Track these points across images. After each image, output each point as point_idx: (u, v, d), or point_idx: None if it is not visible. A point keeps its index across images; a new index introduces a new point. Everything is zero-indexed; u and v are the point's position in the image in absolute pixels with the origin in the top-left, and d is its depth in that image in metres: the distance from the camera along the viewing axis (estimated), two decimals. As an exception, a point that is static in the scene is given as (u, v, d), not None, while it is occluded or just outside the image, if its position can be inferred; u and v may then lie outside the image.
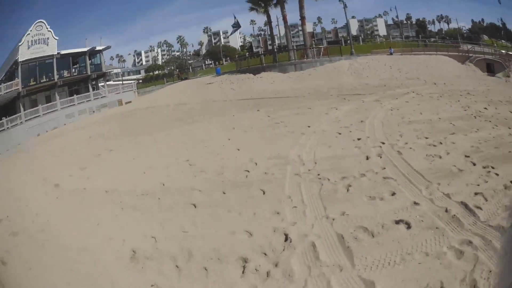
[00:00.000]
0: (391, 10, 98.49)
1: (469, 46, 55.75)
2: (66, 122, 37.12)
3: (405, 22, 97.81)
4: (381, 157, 12.68)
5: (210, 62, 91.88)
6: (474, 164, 11.31)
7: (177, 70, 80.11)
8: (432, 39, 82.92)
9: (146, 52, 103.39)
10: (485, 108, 19.40)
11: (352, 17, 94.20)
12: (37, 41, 40.07)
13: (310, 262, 6.81)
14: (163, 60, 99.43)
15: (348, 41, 64.71)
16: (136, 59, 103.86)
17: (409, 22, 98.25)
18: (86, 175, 14.14)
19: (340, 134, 16.00)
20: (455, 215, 8.09)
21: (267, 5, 53.72)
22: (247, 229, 8.23)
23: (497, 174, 10.32)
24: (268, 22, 56.37)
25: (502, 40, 79.27)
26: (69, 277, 7.02)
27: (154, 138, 19.65)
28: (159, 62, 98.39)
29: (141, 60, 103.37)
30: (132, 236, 8.48)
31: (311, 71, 42.50)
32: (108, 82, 52.28)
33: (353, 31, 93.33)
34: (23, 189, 14.00)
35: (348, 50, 50.85)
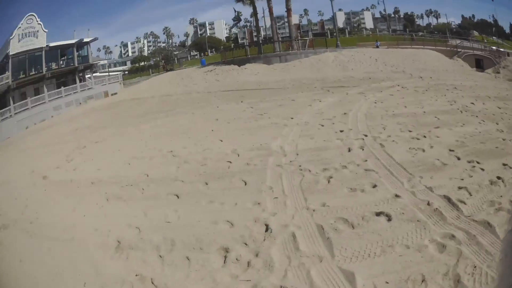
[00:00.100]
0: (379, 4, 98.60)
1: (458, 41, 56.03)
2: (54, 114, 37.15)
3: (393, 16, 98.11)
4: (363, 149, 12.69)
5: (196, 53, 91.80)
6: (459, 159, 11.29)
7: (163, 61, 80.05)
8: (420, 33, 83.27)
9: (133, 44, 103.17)
10: (472, 103, 19.40)
11: (339, 10, 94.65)
12: (27, 34, 39.97)
13: (290, 253, 6.86)
14: (149, 52, 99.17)
15: (334, 34, 64.95)
16: (123, 51, 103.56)
17: (397, 16, 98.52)
18: (73, 167, 14.13)
19: (323, 126, 16.04)
20: (437, 209, 8.07)
21: (254, -3, 53.24)
22: (229, 219, 8.28)
23: (483, 169, 10.31)
24: (254, 14, 56.70)
25: (493, 37, 79.60)
26: (58, 268, 7.03)
27: (139, 130, 19.65)
28: (145, 54, 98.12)
29: (128, 52, 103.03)
30: (117, 227, 8.49)
31: (296, 63, 42.69)
32: (95, 74, 52.13)
33: (340, 24, 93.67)
34: (13, 182, 13.95)
35: (334, 43, 51.55)
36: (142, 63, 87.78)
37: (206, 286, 6.20)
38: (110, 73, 60.82)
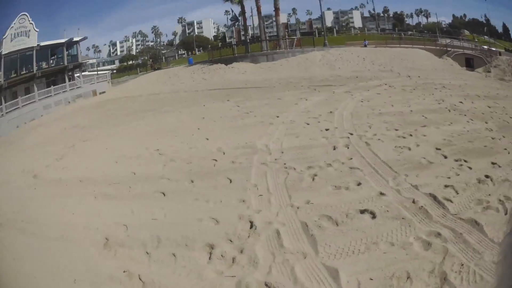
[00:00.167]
0: (368, 3, 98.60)
1: (448, 41, 56.03)
2: (44, 114, 36.94)
3: (382, 15, 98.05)
4: (348, 148, 12.79)
5: (183, 52, 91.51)
6: (446, 157, 11.41)
7: (151, 60, 79.78)
8: (409, 33, 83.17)
9: (121, 43, 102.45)
10: (461, 102, 19.57)
11: (328, 9, 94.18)
12: (19, 34, 39.86)
13: (274, 249, 6.92)
14: (137, 50, 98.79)
15: (322, 33, 64.95)
16: (111, 50, 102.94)
17: (386, 15, 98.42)
18: (62, 166, 14.15)
19: (309, 125, 16.15)
20: (423, 207, 8.11)
21: (242, -4, 53.41)
22: (214, 217, 8.33)
23: (470, 168, 10.40)
24: (242, 13, 56.55)
25: (485, 36, 79.63)
26: (50, 265, 7.07)
27: (126, 128, 19.69)
28: (133, 53, 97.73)
29: (116, 51, 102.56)
30: (105, 224, 8.54)
31: (283, 62, 42.77)
32: (84, 73, 51.93)
33: (328, 23, 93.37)
34: (4, 181, 13.93)
35: (322, 42, 51.42)
36: (130, 62, 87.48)
37: (192, 282, 6.24)
38: (99, 72, 60.61)
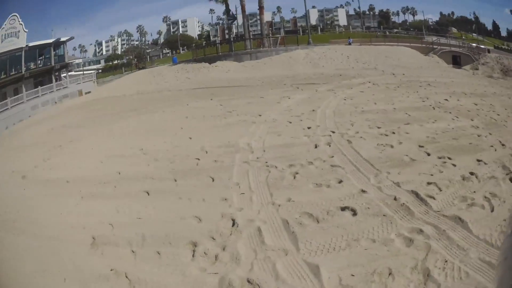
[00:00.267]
0: (353, 1, 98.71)
1: (434, 38, 56.26)
2: (31, 114, 36.76)
3: (368, 13, 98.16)
4: (330, 146, 12.89)
5: (168, 51, 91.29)
6: (429, 154, 11.50)
7: (135, 60, 79.55)
8: (395, 30, 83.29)
9: (107, 42, 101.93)
10: (446, 100, 19.69)
11: (313, 7, 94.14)
12: (9, 35, 39.84)
13: (256, 246, 7.04)
14: (123, 50, 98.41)
15: (307, 31, 65.02)
16: (97, 49, 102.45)
17: (372, 13, 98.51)
18: (49, 166, 14.16)
19: (291, 123, 16.25)
20: (404, 204, 8.20)
21: (226, -6, 53.23)
22: (196, 215, 8.43)
23: (454, 165, 10.49)
24: (226, 12, 56.91)
25: (473, 34, 79.84)
26: (41, 265, 7.13)
27: (111, 128, 19.69)
28: (119, 52, 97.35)
29: (102, 50, 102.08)
30: (91, 224, 8.60)
31: (267, 61, 42.85)
32: (70, 73, 51.75)
33: (313, 21, 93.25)
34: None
35: (306, 40, 51.41)
36: (116, 62, 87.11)
37: (176, 279, 6.34)
38: (85, 72, 60.41)
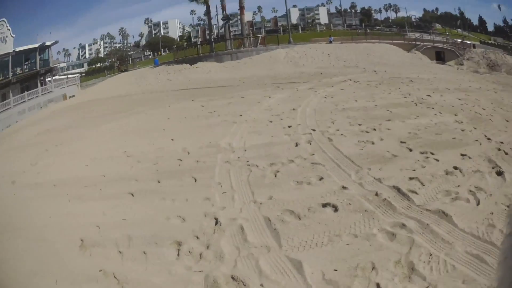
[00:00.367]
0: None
1: (417, 35, 56.63)
2: (18, 119, 36.78)
3: (349, 11, 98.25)
4: (311, 144, 13.05)
5: (149, 53, 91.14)
6: (410, 150, 11.63)
7: (117, 62, 79.36)
8: (377, 28, 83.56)
9: (90, 45, 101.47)
10: (429, 96, 19.86)
11: (294, 6, 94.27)
12: (-2, 40, 39.77)
13: (239, 244, 7.19)
14: (105, 53, 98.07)
15: (287, 30, 65.24)
16: (81, 53, 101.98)
17: (353, 11, 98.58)
18: (37, 171, 14.14)
19: (271, 122, 16.44)
20: (386, 199, 8.34)
21: (207, -5, 53.37)
22: (180, 215, 8.58)
23: (437, 160, 10.62)
24: (207, 12, 57.08)
25: (458, 29, 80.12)
26: (32, 267, 7.19)
27: (95, 132, 19.67)
28: (101, 55, 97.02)
29: (85, 54, 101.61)
30: (80, 226, 8.68)
31: (247, 60, 43.11)
32: (55, 77, 51.61)
33: (294, 20, 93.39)
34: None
35: (286, 39, 52.04)
36: (98, 65, 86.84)
37: (163, 278, 6.48)
38: (69, 76, 60.21)
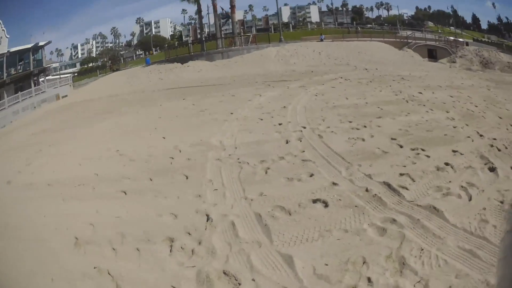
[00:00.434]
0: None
1: (409, 33, 56.83)
2: (13, 120, 36.83)
3: (340, 9, 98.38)
4: (301, 141, 13.17)
5: (141, 53, 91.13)
6: (401, 147, 11.77)
7: (109, 62, 79.34)
8: (368, 26, 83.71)
9: (82, 45, 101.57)
10: (420, 93, 20.10)
11: (285, 5, 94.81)
12: (-8, 41, 39.80)
13: (231, 240, 7.29)
14: (97, 52, 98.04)
15: (278, 28, 65.37)
16: (73, 53, 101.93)
17: (345, 9, 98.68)
18: (31, 171, 14.17)
19: (262, 120, 16.57)
20: (376, 194, 8.45)
21: (198, -5, 53.81)
22: (172, 212, 8.68)
23: (428, 156, 10.75)
24: (198, 11, 57.37)
25: (451, 27, 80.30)
26: (29, 267, 7.26)
27: (88, 131, 19.75)
28: (94, 55, 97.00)
29: (78, 53, 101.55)
30: (74, 224, 8.75)
31: (238, 59, 43.18)
32: (48, 77, 51.58)
33: (285, 19, 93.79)
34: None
35: (277, 37, 52.25)
36: (91, 64, 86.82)
37: (156, 274, 6.58)
38: (61, 76, 60.11)
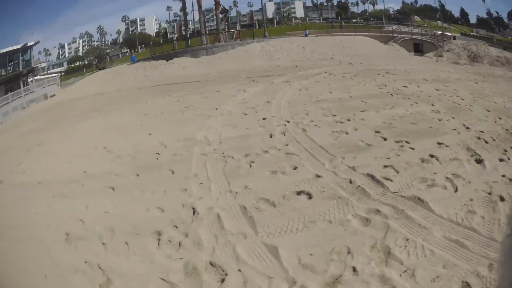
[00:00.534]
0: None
1: (395, 27, 57.05)
2: (3, 121, 36.80)
3: (326, 4, 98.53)
4: (285, 135, 13.34)
5: (127, 50, 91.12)
6: (385, 139, 11.90)
7: (96, 60, 79.37)
8: (353, 20, 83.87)
9: (69, 44, 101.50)
10: (405, 86, 20.22)
11: (269, 0, 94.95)
12: (-18, 43, 40.09)
13: (217, 232, 7.49)
14: (84, 51, 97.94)
15: (263, 24, 65.56)
16: (60, 52, 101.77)
17: (330, 4, 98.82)
18: (22, 170, 14.13)
19: (246, 115, 16.72)
20: (360, 186, 8.65)
21: (182, -9, 53.79)
22: (159, 206, 8.87)
23: (413, 148, 10.92)
24: (183, 8, 57.86)
25: (438, 21, 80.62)
26: (22, 264, 7.31)
27: (76, 129, 19.77)
28: (80, 54, 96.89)
29: (65, 53, 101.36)
30: (64, 221, 8.86)
31: (222, 55, 43.28)
32: (36, 77, 51.56)
33: (270, 14, 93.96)
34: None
35: (262, 33, 52.70)
36: (77, 63, 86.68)
37: (145, 266, 6.78)
38: (49, 75, 60.00)
